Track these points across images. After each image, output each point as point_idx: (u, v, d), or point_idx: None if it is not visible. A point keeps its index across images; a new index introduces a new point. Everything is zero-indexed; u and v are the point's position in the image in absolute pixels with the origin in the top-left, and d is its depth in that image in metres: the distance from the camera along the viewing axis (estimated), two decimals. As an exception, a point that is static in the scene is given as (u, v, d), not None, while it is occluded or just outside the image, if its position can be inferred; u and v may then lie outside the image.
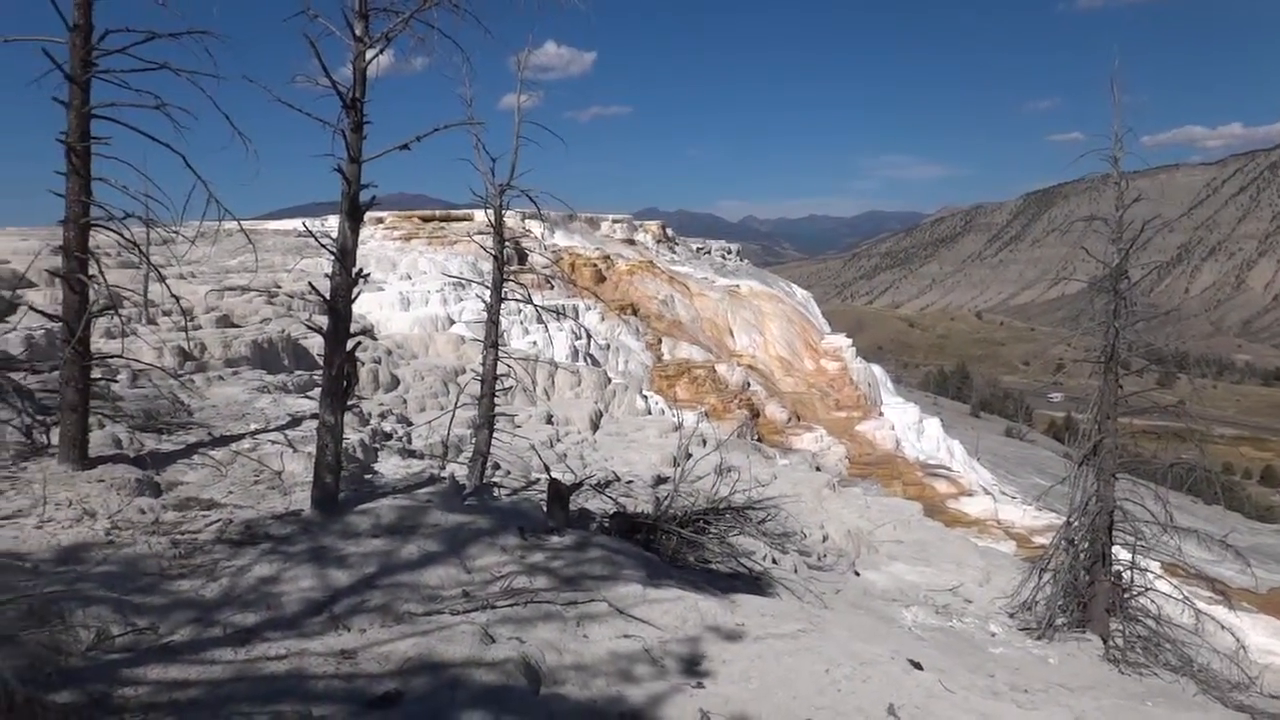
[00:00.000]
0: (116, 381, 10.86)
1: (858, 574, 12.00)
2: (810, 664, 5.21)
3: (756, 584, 8.43)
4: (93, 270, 7.53)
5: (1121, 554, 10.01)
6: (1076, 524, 9.94)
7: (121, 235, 7.62)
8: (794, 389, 36.75)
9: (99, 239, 7.67)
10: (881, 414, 38.53)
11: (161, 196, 7.29)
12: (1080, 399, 11.17)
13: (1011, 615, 10.50)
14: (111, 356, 9.64)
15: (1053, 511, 26.47)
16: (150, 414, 9.82)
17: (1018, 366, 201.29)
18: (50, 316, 7.94)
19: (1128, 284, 9.88)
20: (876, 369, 43.35)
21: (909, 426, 37.98)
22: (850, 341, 42.54)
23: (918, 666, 5.65)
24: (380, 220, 37.68)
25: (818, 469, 23.56)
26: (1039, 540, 24.58)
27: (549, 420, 20.12)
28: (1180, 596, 10.01)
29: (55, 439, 7.65)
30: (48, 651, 3.78)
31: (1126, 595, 9.93)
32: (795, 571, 9.98)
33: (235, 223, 7.87)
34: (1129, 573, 9.99)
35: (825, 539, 14.00)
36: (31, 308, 9.58)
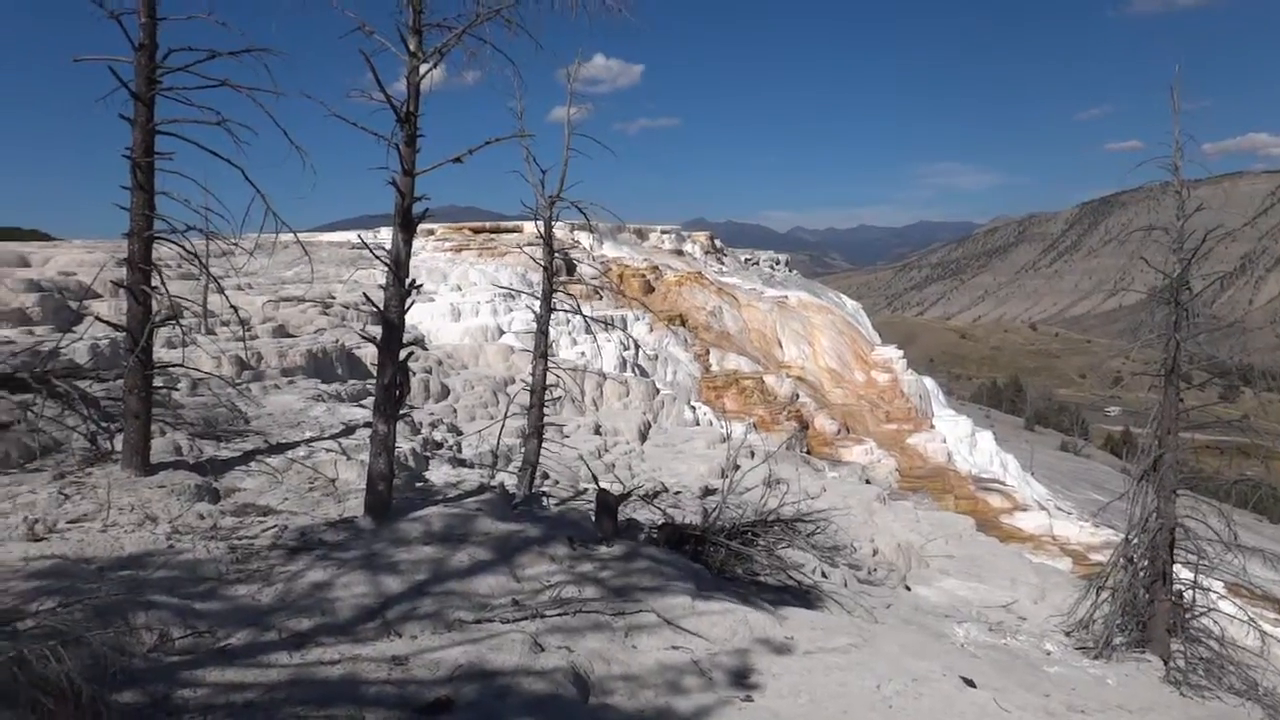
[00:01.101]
0: (177, 390, 11.12)
1: (908, 589, 11.84)
2: (861, 679, 5.15)
3: (806, 597, 8.36)
4: (155, 282, 7.74)
5: (1183, 573, 9.75)
6: (1136, 541, 9.70)
7: (183, 248, 7.83)
8: (843, 401, 36.40)
9: (161, 251, 7.89)
10: (933, 426, 37.97)
11: (221, 209, 7.50)
12: (1139, 413, 10.91)
13: (1068, 634, 10.26)
14: (173, 366, 9.88)
15: (1110, 528, 25.91)
16: (209, 422, 10.04)
17: (1073, 379, 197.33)
18: (115, 326, 8.17)
19: (1189, 295, 9.64)
20: (928, 381, 42.74)
21: (961, 439, 37.37)
22: (901, 353, 42.04)
23: (971, 684, 5.56)
24: (431, 232, 38.15)
25: (868, 482, 23.30)
26: (1096, 557, 24.01)
27: (597, 430, 20.18)
28: (1245, 617, 9.72)
29: (119, 445, 7.86)
30: (112, 652, 3.87)
31: (1188, 615, 9.66)
32: (845, 585, 9.87)
33: (291, 235, 8.04)
34: (1191, 592, 9.72)
35: (875, 553, 13.83)
36: (97, 318, 9.85)
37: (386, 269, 6.82)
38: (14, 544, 5.62)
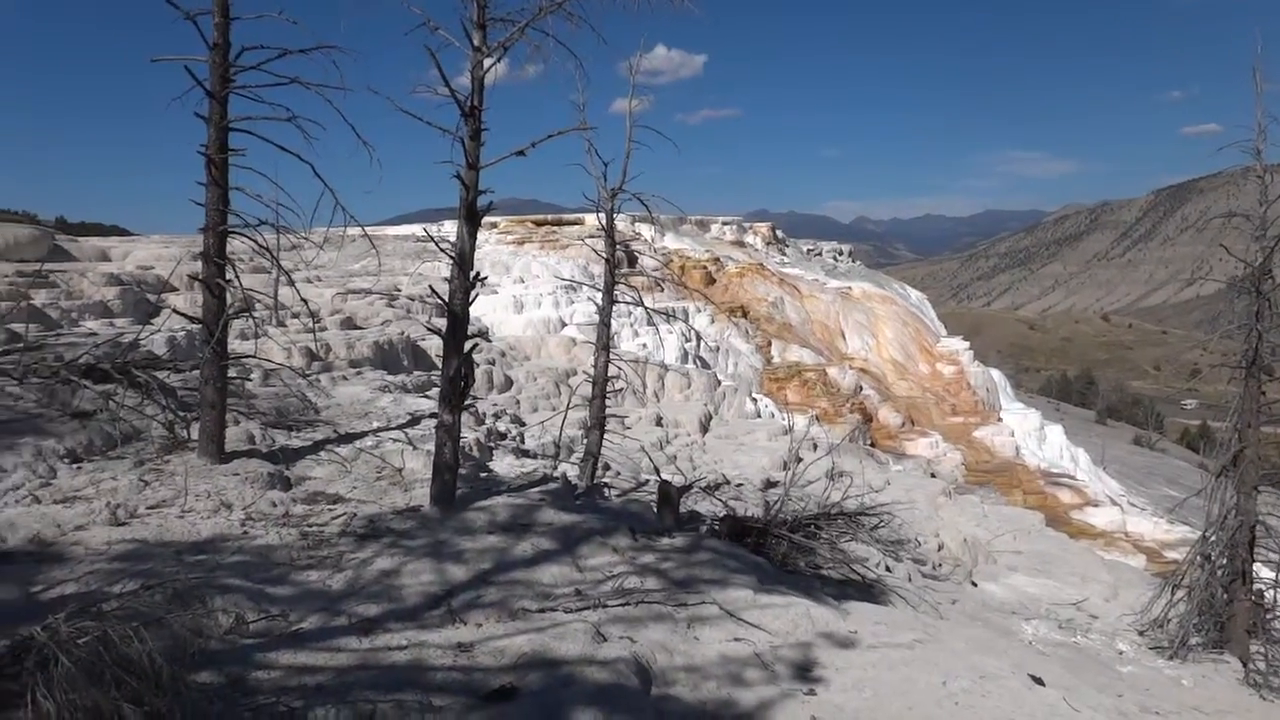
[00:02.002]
0: (250, 380, 11.41)
1: (975, 584, 11.64)
2: (926, 675, 5.09)
3: (869, 592, 8.28)
4: (229, 275, 7.95)
5: (1264, 572, 9.44)
6: (1213, 539, 9.41)
7: (255, 241, 8.02)
8: (908, 393, 35.84)
9: (234, 245, 8.09)
10: (1000, 419, 37.20)
11: (291, 204, 7.66)
12: (1217, 406, 10.58)
13: (1141, 633, 10.00)
14: (246, 357, 10.14)
15: (1186, 525, 25.10)
16: (281, 411, 10.29)
17: (1148, 371, 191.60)
18: (190, 319, 8.41)
19: (1272, 284, 9.30)
20: (995, 373, 41.84)
21: (1030, 433, 36.52)
22: (967, 345, 41.23)
23: (1040, 682, 5.45)
24: (494, 225, 38.47)
25: (933, 475, 22.95)
26: (1171, 555, 23.31)
27: (658, 422, 20.20)
28: (1330, 619, 9.37)
29: (195, 434, 8.10)
30: (190, 634, 4.01)
31: (1269, 616, 9.35)
32: (909, 580, 9.75)
33: (359, 228, 8.19)
34: (1272, 592, 9.41)
35: (940, 548, 13.63)
36: (174, 310, 10.18)
37: (451, 262, 6.91)
38: (98, 528, 5.83)
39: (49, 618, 3.19)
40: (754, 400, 25.67)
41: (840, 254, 57.54)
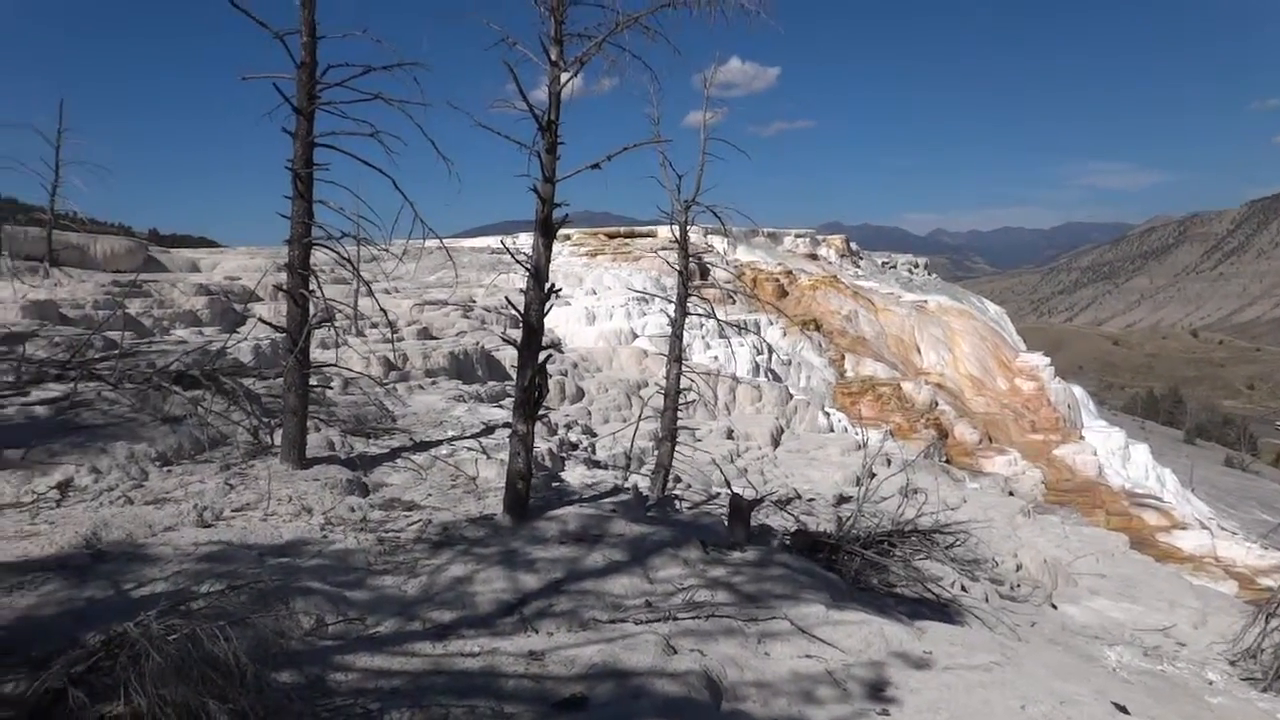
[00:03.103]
0: (330, 388, 11.71)
1: (1054, 607, 11.30)
2: (1004, 698, 4.95)
3: (944, 611, 8.10)
4: (312, 285, 8.17)
5: (1367, 602, 8.96)
6: (1312, 565, 8.99)
7: (338, 253, 8.23)
8: (985, 409, 35.07)
9: (316, 256, 8.31)
10: (1082, 438, 36.13)
11: (372, 216, 7.85)
12: (1317, 427, 10.10)
13: (1232, 663, 9.58)
14: (327, 365, 10.42)
15: (1281, 550, 24.06)
16: (359, 419, 10.53)
17: (1240, 390, 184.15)
18: (275, 328, 8.67)
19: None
20: (1077, 390, 40.64)
21: (1113, 452, 35.39)
22: (1048, 360, 40.17)
23: (1124, 710, 5.26)
24: (568, 237, 38.88)
25: (1011, 494, 22.40)
26: (1265, 582, 22.33)
27: (729, 435, 20.12)
28: None
29: (278, 440, 8.34)
30: (273, 634, 4.12)
31: (1372, 648, 8.87)
32: (986, 600, 9.52)
33: (436, 241, 8.35)
34: (1376, 623, 8.92)
35: (1019, 568, 13.27)
36: (260, 319, 10.51)
37: (526, 273, 7.00)
38: (186, 529, 6.05)
39: (141, 615, 3.31)
40: (826, 414, 25.40)
41: (916, 267, 56.65)
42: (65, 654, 3.28)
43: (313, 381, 8.76)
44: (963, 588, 9.53)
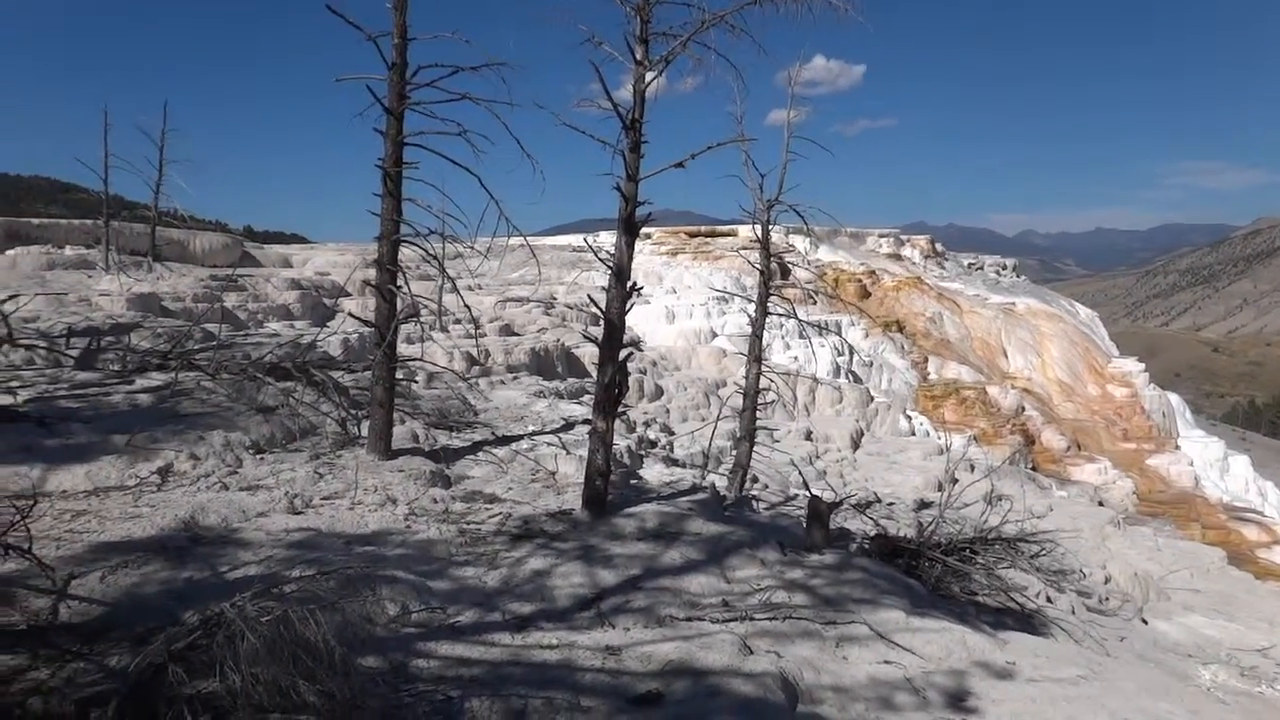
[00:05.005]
0: (415, 382, 11.97)
1: (1145, 622, 10.91)
2: (1090, 714, 4.80)
3: (1028, 622, 7.90)
4: (399, 282, 8.37)
5: None
6: None
7: (424, 250, 8.41)
8: (1074, 415, 33.97)
9: (403, 252, 8.50)
10: (1178, 447, 34.69)
11: (458, 214, 8.00)
12: None
13: (1339, 686, 9.12)
14: (412, 360, 10.65)
15: (1395, 571, 22.75)
16: (442, 413, 10.74)
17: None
18: (364, 322, 8.90)
19: None
20: (1173, 398, 39.06)
21: (1211, 463, 33.91)
22: (1142, 366, 38.68)
23: (1219, 730, 5.06)
24: (648, 235, 38.96)
25: (1100, 504, 21.66)
26: (1375, 603, 21.17)
27: (808, 436, 19.92)
28: None
29: (365, 431, 8.57)
30: (360, 620, 4.24)
31: None
32: (1072, 612, 9.24)
33: (520, 238, 8.46)
34: None
35: (1107, 580, 12.84)
36: (349, 314, 10.81)
37: (607, 271, 7.05)
38: (277, 515, 6.26)
39: (236, 596, 3.44)
40: (908, 417, 24.95)
41: (1004, 268, 55.19)
42: (166, 631, 3.43)
43: (399, 375, 8.97)
44: (1048, 598, 9.27)
